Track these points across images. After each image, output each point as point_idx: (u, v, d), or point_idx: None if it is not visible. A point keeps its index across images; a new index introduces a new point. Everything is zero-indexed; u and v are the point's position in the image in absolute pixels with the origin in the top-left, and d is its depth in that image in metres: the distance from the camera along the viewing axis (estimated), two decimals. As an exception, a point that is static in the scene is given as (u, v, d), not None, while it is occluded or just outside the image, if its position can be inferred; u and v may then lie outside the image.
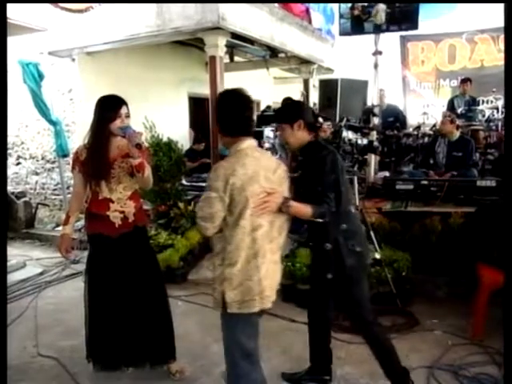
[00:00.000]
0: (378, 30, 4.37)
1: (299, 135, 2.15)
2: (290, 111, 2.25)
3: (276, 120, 2.24)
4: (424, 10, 4.89)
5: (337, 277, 2.22)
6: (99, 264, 2.52)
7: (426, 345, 2.93)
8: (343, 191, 2.08)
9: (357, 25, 4.43)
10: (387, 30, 4.36)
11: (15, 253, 5.13)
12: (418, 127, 6.27)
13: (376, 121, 4.06)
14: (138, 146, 2.29)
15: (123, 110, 2.38)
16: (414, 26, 4.38)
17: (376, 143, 3.32)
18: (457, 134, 4.88)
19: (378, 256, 3.42)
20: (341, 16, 4.58)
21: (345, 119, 3.25)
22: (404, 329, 3.14)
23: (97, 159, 2.36)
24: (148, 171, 2.40)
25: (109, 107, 2.37)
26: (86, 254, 4.51)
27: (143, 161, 2.35)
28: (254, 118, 9.39)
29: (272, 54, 7.39)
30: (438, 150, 4.92)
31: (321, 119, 2.17)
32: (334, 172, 2.07)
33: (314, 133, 2.17)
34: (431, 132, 6.07)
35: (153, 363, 2.65)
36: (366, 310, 2.32)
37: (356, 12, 4.35)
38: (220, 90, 5.15)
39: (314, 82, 7.84)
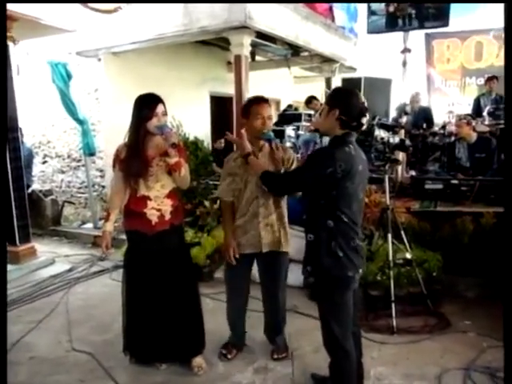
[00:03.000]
0: (411, 26, 4.31)
1: (329, 122, 2.06)
2: (334, 96, 2.14)
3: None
4: (451, 7, 4.81)
5: (313, 272, 2.13)
6: (136, 259, 2.56)
7: (459, 346, 2.88)
8: (333, 194, 1.99)
9: (391, 21, 4.38)
10: (421, 27, 4.31)
11: (44, 249, 5.23)
12: (444, 126, 6.18)
13: (405, 119, 4.02)
14: (174, 145, 2.32)
15: (159, 109, 2.40)
16: (446, 23, 4.32)
17: (408, 142, 3.28)
18: (474, 135, 4.79)
19: (408, 256, 3.38)
20: (373, 13, 4.53)
21: (377, 118, 3.22)
22: (436, 330, 3.09)
23: (134, 157, 2.39)
24: (185, 170, 2.42)
25: (145, 106, 2.40)
26: (112, 250, 4.67)
27: (180, 160, 2.38)
28: (275, 117, 9.42)
29: (294, 53, 7.37)
30: (458, 155, 4.83)
31: (365, 120, 2.02)
32: (318, 169, 1.97)
33: (348, 130, 2.05)
34: (441, 131, 5.97)
35: (182, 359, 2.69)
36: (337, 330, 2.12)
37: (391, 9, 4.30)
38: (245, 89, 5.17)
39: (336, 80, 7.80)
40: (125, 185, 2.49)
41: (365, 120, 2.00)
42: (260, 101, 2.60)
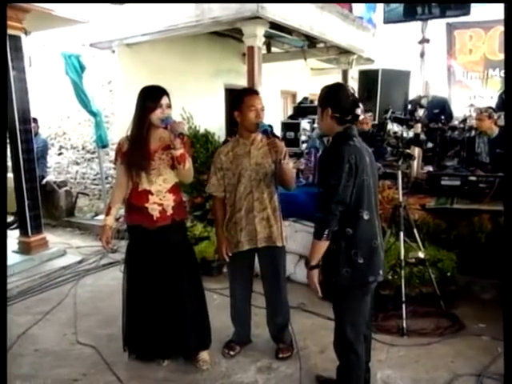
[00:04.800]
0: (431, 15, 4.12)
1: (327, 123, 2.03)
2: (322, 96, 2.10)
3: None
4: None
5: (333, 281, 2.05)
6: (137, 254, 2.53)
7: (472, 351, 2.76)
8: (353, 192, 1.92)
9: (409, 10, 4.19)
10: (441, 16, 4.11)
11: (56, 240, 5.29)
12: (464, 120, 5.94)
13: (421, 113, 3.87)
14: (181, 135, 2.27)
15: (164, 101, 2.35)
16: (467, 12, 4.12)
17: (423, 136, 3.14)
18: (495, 130, 4.61)
19: (421, 255, 3.26)
20: (391, 1, 4.35)
21: (390, 111, 3.10)
22: (449, 333, 2.98)
23: (137, 150, 2.35)
24: (189, 163, 2.37)
25: (149, 97, 2.35)
26: (123, 243, 4.67)
27: (185, 152, 2.32)
28: (290, 109, 9.30)
29: (310, 45, 7.22)
30: (478, 150, 4.65)
31: (359, 111, 1.96)
32: (339, 169, 1.89)
33: (346, 125, 2.00)
34: (461, 126, 5.73)
35: (186, 355, 2.66)
36: (350, 332, 2.06)
37: (409, -3, 4.12)
38: (258, 81, 5.07)
39: (353, 73, 7.61)
40: (127, 178, 2.45)
41: (359, 110, 1.95)
42: (252, 92, 2.57)
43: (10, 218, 5.44)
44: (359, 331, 2.10)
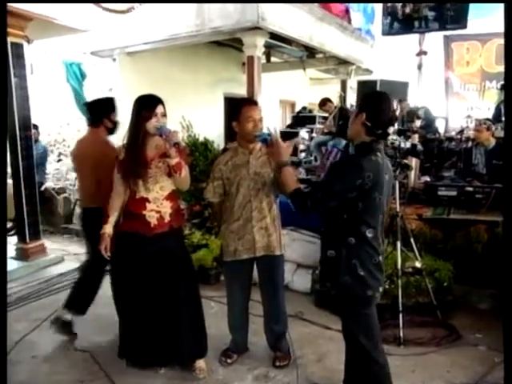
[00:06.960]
0: (428, 28, 4.19)
1: (356, 127, 1.97)
2: (363, 99, 2.08)
3: None
4: (470, 9, 4.67)
5: (332, 289, 2.03)
6: (133, 261, 2.51)
7: (468, 360, 2.77)
8: (360, 206, 1.89)
9: (407, 23, 4.26)
10: (439, 29, 4.18)
11: (54, 247, 5.28)
12: (461, 131, 6.01)
13: (418, 123, 3.91)
14: (177, 145, 2.29)
15: (159, 109, 2.37)
16: (464, 25, 4.20)
17: (420, 147, 3.18)
18: (493, 141, 4.67)
19: (418, 265, 3.28)
20: (389, 14, 4.42)
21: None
22: (445, 342, 2.99)
23: (133, 158, 2.37)
24: (185, 172, 2.39)
25: (145, 106, 2.37)
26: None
27: (181, 161, 2.34)
28: (289, 118, 9.37)
29: (309, 55, 7.32)
30: (475, 161, 4.70)
31: (391, 131, 1.93)
32: (349, 181, 1.85)
33: (374, 137, 1.94)
34: (458, 137, 5.78)
35: (183, 363, 2.65)
36: (366, 342, 2.03)
37: (407, 10, 4.19)
38: (257, 90, 5.13)
39: (352, 83, 7.70)
40: (124, 187, 2.46)
41: (391, 130, 1.91)
42: (251, 103, 2.58)
43: (8, 224, 5.44)
44: (376, 339, 2.07)
